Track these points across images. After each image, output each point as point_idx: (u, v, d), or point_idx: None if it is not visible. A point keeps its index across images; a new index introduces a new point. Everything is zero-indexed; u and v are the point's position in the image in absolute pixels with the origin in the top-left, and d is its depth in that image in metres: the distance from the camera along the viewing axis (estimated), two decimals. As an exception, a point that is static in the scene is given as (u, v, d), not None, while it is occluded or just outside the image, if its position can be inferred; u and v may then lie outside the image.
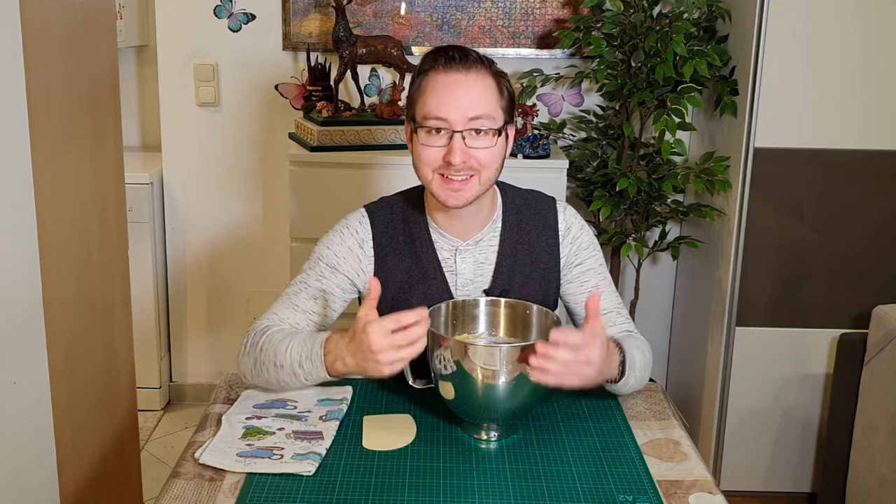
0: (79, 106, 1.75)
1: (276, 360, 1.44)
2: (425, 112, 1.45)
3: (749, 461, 2.68)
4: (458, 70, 1.44)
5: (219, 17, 2.91)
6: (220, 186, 3.05)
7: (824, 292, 2.55)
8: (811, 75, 2.40)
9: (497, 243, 1.57)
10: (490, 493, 1.23)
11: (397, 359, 1.28)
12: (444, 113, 1.43)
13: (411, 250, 1.56)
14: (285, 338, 1.45)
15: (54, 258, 1.63)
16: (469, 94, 1.43)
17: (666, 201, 2.71)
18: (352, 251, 1.56)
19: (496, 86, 1.47)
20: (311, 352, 1.41)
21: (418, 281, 1.55)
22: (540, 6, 2.87)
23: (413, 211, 1.58)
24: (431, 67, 1.46)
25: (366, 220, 1.58)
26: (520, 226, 1.59)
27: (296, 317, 1.55)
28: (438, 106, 1.43)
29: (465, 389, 1.32)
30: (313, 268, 1.57)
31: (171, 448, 2.90)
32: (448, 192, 1.46)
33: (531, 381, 1.29)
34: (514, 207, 1.60)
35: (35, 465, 1.59)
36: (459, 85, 1.43)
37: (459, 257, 1.56)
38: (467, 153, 1.43)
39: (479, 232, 1.57)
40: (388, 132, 2.63)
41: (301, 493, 1.23)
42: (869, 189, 2.48)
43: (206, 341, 3.20)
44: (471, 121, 1.43)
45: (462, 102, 1.42)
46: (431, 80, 1.45)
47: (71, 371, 1.72)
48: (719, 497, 1.25)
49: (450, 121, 1.43)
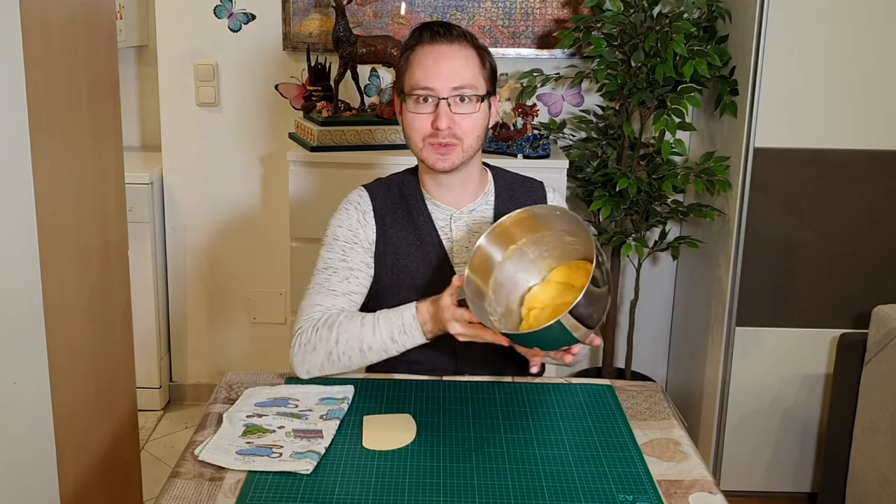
0: (79, 106, 1.75)
1: (362, 346, 1.53)
2: (413, 83, 1.57)
3: (749, 461, 2.68)
4: (442, 42, 1.57)
5: (219, 17, 2.91)
6: (220, 187, 3.05)
7: (824, 292, 2.55)
8: (811, 75, 2.40)
9: (491, 214, 1.69)
10: (490, 493, 1.24)
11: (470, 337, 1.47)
12: (429, 82, 1.55)
13: (409, 220, 1.67)
14: (363, 323, 1.54)
15: (54, 258, 1.63)
16: (452, 63, 1.56)
17: (666, 201, 2.71)
18: (359, 222, 1.66)
19: (478, 58, 1.60)
20: (402, 326, 1.52)
21: (417, 248, 1.65)
22: (540, 6, 2.87)
23: (408, 185, 1.70)
24: (417, 42, 1.59)
25: (365, 194, 1.70)
26: (512, 200, 1.70)
27: (339, 301, 1.61)
28: (425, 76, 1.56)
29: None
30: (332, 250, 1.65)
31: (171, 448, 2.90)
32: (436, 157, 1.58)
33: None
34: (506, 185, 1.73)
35: (35, 465, 1.59)
36: (443, 55, 1.56)
37: (454, 224, 1.67)
38: (452, 119, 1.56)
39: (472, 202, 1.69)
40: (388, 132, 2.63)
41: (301, 493, 1.23)
42: (869, 189, 2.48)
43: (206, 341, 3.20)
44: (455, 89, 1.55)
45: (446, 71, 1.55)
46: (418, 53, 1.58)
47: (71, 371, 1.72)
48: (719, 497, 1.25)
49: (435, 89, 1.55)
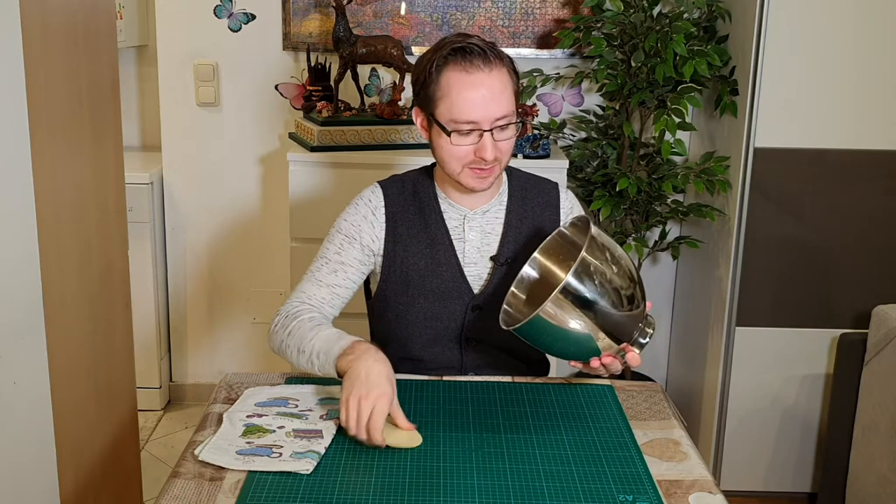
0: (79, 106, 1.75)
1: (300, 346, 1.51)
2: (454, 116, 1.53)
3: (749, 461, 2.68)
4: (481, 69, 1.52)
5: (219, 17, 2.91)
6: (220, 186, 3.05)
7: (824, 292, 2.54)
8: (811, 75, 2.40)
9: (503, 215, 1.68)
10: (490, 493, 1.24)
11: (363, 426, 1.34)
12: (474, 116, 1.52)
13: (420, 218, 1.66)
14: (314, 328, 1.52)
15: (54, 258, 1.63)
16: (494, 94, 1.52)
17: (666, 201, 2.71)
18: (366, 218, 1.66)
19: (509, 75, 1.57)
20: (328, 354, 1.45)
21: (427, 247, 1.65)
22: (540, 6, 2.87)
23: (423, 184, 1.69)
24: (448, 63, 1.53)
25: (378, 190, 1.69)
26: (525, 201, 1.70)
27: (321, 292, 1.63)
28: (469, 110, 1.52)
29: None
30: (332, 241, 1.67)
31: (171, 448, 2.90)
32: (477, 181, 1.58)
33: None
34: (520, 185, 1.72)
35: (35, 465, 1.59)
36: (483, 86, 1.52)
37: (467, 225, 1.66)
38: (496, 147, 1.54)
39: (487, 203, 1.67)
40: (388, 132, 2.63)
41: (301, 493, 1.23)
42: (869, 189, 2.48)
43: (206, 341, 3.20)
44: (497, 120, 1.53)
45: (491, 106, 1.52)
46: (455, 81, 1.52)
47: (71, 371, 1.72)
48: (719, 497, 1.25)
49: (480, 122, 1.52)
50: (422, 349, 1.66)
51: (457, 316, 1.65)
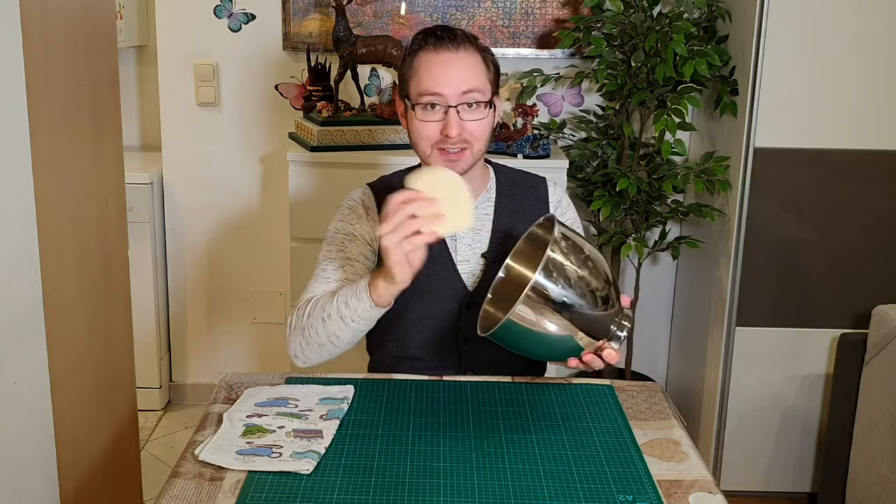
0: (79, 106, 1.75)
1: (322, 314, 1.51)
2: (420, 89, 1.56)
3: (749, 461, 2.68)
4: (448, 49, 1.56)
5: (219, 17, 2.91)
6: (220, 187, 3.05)
7: (824, 292, 2.55)
8: (811, 75, 2.40)
9: (492, 211, 1.69)
10: (490, 493, 1.23)
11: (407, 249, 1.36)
12: (438, 89, 1.54)
13: None
14: (329, 295, 1.53)
15: (54, 258, 1.63)
16: (460, 70, 1.55)
17: (666, 201, 2.71)
18: (361, 217, 1.68)
19: (483, 61, 1.59)
20: (355, 289, 1.48)
21: None
22: (540, 6, 2.87)
23: None
24: (421, 47, 1.58)
25: (369, 191, 1.71)
26: (514, 197, 1.71)
27: (331, 287, 1.62)
28: (433, 83, 1.54)
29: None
30: (332, 242, 1.67)
31: (171, 448, 2.90)
32: (446, 164, 1.56)
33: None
34: (508, 181, 1.73)
35: (35, 465, 1.59)
36: (450, 62, 1.55)
37: None
38: (462, 126, 1.54)
39: (475, 200, 1.65)
40: (388, 132, 2.63)
41: (301, 493, 1.23)
42: (869, 189, 2.48)
43: (206, 341, 3.20)
44: (463, 94, 1.54)
45: (454, 79, 1.54)
46: (423, 59, 1.57)
47: (71, 371, 1.72)
48: (719, 497, 1.25)
49: (444, 95, 1.54)
50: (419, 348, 1.66)
51: (452, 314, 1.65)
